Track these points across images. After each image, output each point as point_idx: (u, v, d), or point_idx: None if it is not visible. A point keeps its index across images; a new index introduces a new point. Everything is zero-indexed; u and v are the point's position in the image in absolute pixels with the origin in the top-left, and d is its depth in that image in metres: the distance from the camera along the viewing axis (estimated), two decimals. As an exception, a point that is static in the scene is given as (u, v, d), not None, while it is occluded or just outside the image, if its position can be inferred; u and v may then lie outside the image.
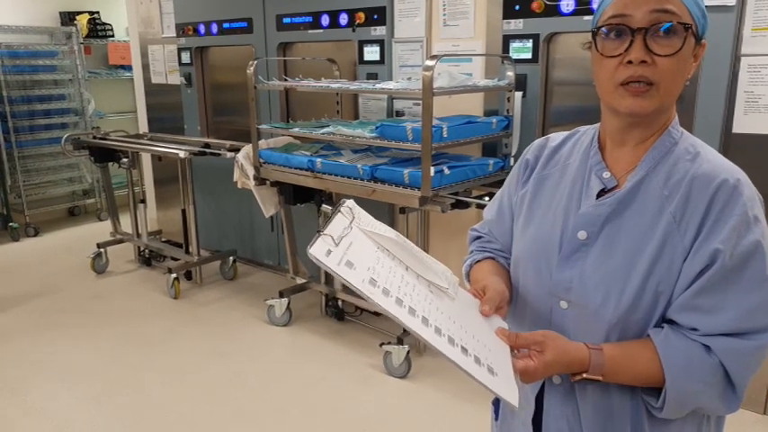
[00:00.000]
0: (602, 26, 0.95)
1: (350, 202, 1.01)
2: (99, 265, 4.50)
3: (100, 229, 5.43)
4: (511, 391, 0.87)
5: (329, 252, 0.87)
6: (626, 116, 0.97)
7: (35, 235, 5.51)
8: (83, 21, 5.86)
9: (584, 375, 0.95)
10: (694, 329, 0.93)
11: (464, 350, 0.87)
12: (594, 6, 2.84)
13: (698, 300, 0.92)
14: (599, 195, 1.02)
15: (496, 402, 1.25)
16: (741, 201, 0.92)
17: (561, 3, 2.74)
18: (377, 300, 0.85)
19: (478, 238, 1.27)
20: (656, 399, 0.95)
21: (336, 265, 0.86)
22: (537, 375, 0.93)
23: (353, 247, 0.92)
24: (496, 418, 1.25)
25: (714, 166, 0.95)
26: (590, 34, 0.98)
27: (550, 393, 1.06)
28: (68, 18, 5.85)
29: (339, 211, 0.97)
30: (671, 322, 0.95)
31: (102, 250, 4.51)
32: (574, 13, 2.71)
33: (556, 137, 1.16)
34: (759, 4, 2.32)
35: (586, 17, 2.66)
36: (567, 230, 1.03)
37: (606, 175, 1.02)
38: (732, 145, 2.48)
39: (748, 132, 2.44)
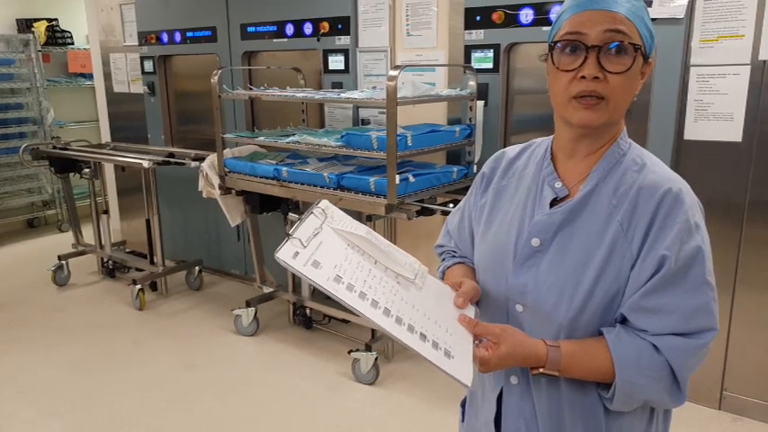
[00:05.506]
0: (559, 41, 1.00)
1: (324, 203, 1.04)
2: (60, 277, 4.40)
3: (61, 241, 5.31)
4: (465, 373, 0.92)
5: (296, 254, 0.92)
6: (577, 127, 1.02)
7: (-8, 247, 5.38)
8: (41, 28, 5.73)
9: (541, 370, 1.00)
10: (644, 330, 0.98)
11: (423, 336, 0.93)
12: (553, 18, 2.92)
13: (645, 302, 0.97)
14: (552, 204, 1.07)
15: (464, 404, 1.29)
16: (683, 209, 0.98)
17: (521, 14, 2.82)
18: (340, 295, 0.90)
19: (444, 251, 1.32)
20: (608, 391, 1.01)
21: (302, 266, 0.90)
22: (491, 366, 0.98)
23: (323, 246, 0.96)
24: (463, 420, 1.29)
25: (659, 177, 1.01)
26: (546, 47, 1.03)
27: (508, 393, 1.11)
28: (26, 25, 5.72)
29: (312, 212, 1.01)
30: (624, 321, 1.01)
31: (63, 262, 4.41)
32: (533, 23, 2.79)
33: (512, 149, 1.21)
34: (706, 16, 2.43)
35: (545, 28, 2.74)
36: (521, 238, 1.08)
37: (558, 185, 1.07)
38: (683, 151, 2.59)
39: (698, 139, 2.55)
